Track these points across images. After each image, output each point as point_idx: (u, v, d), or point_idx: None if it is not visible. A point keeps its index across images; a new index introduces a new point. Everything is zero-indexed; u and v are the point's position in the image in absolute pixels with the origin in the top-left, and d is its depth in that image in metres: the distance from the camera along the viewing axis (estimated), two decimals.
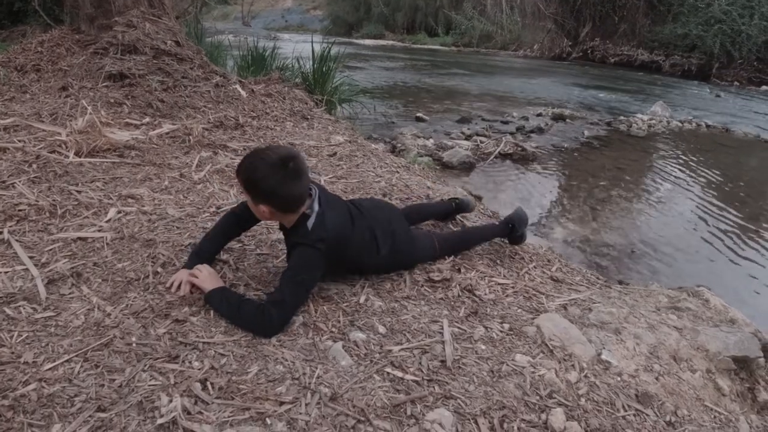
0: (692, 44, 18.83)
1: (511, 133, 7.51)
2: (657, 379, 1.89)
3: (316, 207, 1.95)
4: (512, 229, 2.71)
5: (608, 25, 23.56)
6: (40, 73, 4.78)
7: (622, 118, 9.20)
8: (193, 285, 2.01)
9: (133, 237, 2.41)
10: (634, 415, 1.71)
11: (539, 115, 9.27)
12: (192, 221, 2.60)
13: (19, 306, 1.90)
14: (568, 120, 9.01)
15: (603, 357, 1.92)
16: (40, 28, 8.46)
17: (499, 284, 2.39)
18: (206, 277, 1.99)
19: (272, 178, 1.83)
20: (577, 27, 24.35)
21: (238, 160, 3.44)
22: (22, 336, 1.75)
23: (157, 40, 4.53)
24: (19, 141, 3.37)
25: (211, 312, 1.93)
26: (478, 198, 4.36)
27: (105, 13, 4.89)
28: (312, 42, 6.52)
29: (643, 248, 4.26)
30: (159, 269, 2.17)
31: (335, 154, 3.83)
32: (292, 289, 1.87)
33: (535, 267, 2.68)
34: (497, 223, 2.82)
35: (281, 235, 2.38)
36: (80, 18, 5.20)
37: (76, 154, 3.25)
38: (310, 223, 1.92)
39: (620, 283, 3.28)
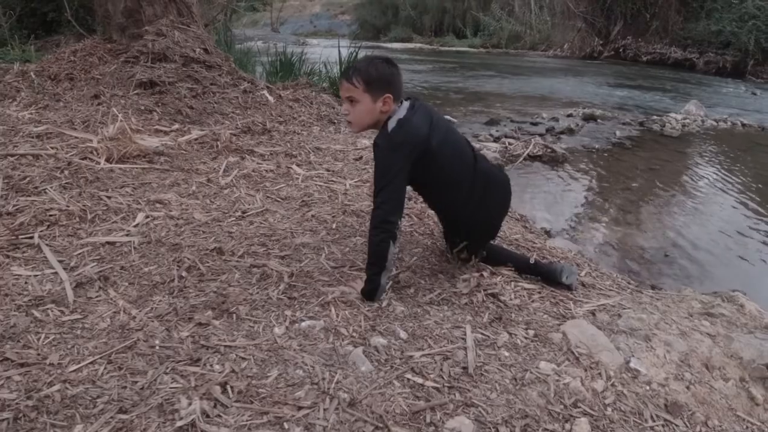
0: (726, 41, 18.29)
1: (541, 135, 7.38)
2: (688, 388, 1.82)
3: (402, 113, 2.08)
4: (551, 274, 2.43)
5: (640, 22, 23.10)
6: (73, 81, 4.91)
7: (655, 117, 8.97)
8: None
9: (159, 241, 2.45)
10: (663, 426, 1.65)
11: (569, 115, 9.09)
12: (218, 225, 2.62)
13: (47, 309, 1.95)
14: (599, 120, 8.82)
15: (631, 365, 1.86)
16: (74, 37, 8.70)
17: (525, 289, 2.34)
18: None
19: (387, 68, 2.09)
20: (608, 25, 23.93)
21: (264, 165, 3.50)
22: (49, 338, 1.79)
23: (187, 48, 4.62)
24: (52, 148, 3.47)
25: (234, 316, 1.94)
26: None
27: (136, 23, 5.01)
28: (339, 47, 6.54)
29: (676, 252, 4.14)
30: (184, 273, 2.19)
31: (361, 158, 3.84)
32: (381, 201, 2.02)
33: None
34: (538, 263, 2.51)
35: (304, 239, 2.40)
36: (112, 28, 5.34)
37: (107, 160, 3.33)
38: (391, 125, 2.05)
39: (652, 288, 3.19)
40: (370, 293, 2.09)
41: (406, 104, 2.12)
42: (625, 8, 23.24)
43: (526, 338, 1.96)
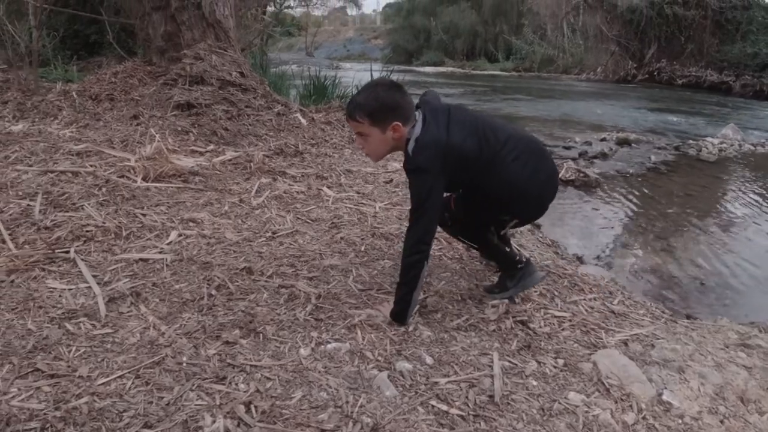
0: (763, 63, 17.91)
1: (573, 159, 7.31)
2: (722, 422, 1.75)
3: (417, 130, 2.03)
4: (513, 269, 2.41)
5: (674, 45, 22.82)
6: (114, 102, 5.09)
7: (690, 141, 8.79)
8: None
9: (191, 259, 2.49)
10: None
11: (603, 140, 8.98)
12: (248, 245, 2.66)
13: (80, 322, 2.00)
14: (633, 145, 8.69)
15: (664, 398, 1.80)
16: (115, 59, 9.03)
17: (555, 317, 2.30)
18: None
19: (389, 94, 2.03)
20: (642, 48, 23.70)
21: (296, 187, 3.54)
22: (79, 351, 1.84)
23: (223, 71, 4.75)
24: (91, 166, 3.58)
25: (261, 335, 1.95)
26: (537, 226, 4.25)
27: (175, 47, 5.18)
28: (371, 70, 6.63)
29: (713, 280, 4.01)
30: (213, 291, 2.22)
31: (391, 180, 3.85)
32: (415, 221, 2.03)
33: (594, 299, 2.56)
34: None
35: (333, 261, 2.40)
36: (152, 50, 5.53)
37: (144, 179, 3.42)
38: (410, 148, 2.02)
39: (687, 317, 3.09)
40: (400, 314, 2.08)
41: (420, 117, 2.07)
42: (659, 31, 23.02)
43: (555, 367, 1.92)
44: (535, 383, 1.82)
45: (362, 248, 2.71)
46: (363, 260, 2.59)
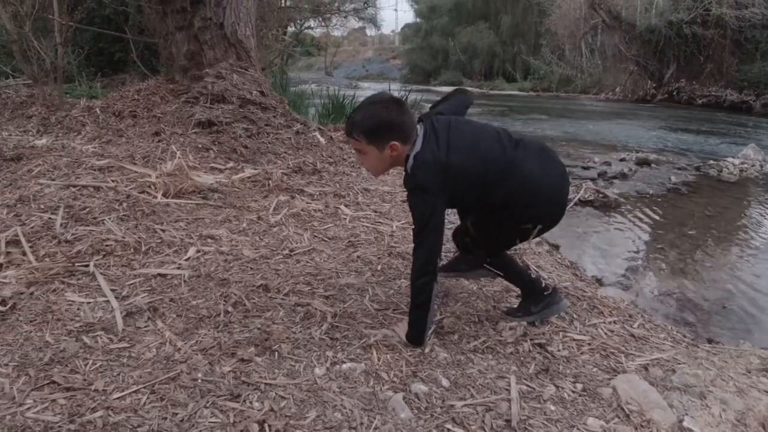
0: None
1: (592, 179, 7.26)
2: None
3: (417, 146, 1.98)
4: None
5: (693, 65, 22.72)
6: (136, 119, 5.18)
7: (711, 162, 8.68)
8: None
9: (209, 276, 2.50)
10: None
11: (622, 160, 8.92)
12: (265, 263, 2.67)
13: (97, 336, 2.01)
14: (653, 165, 8.61)
15: (685, 424, 1.75)
16: (138, 76, 9.23)
17: (574, 340, 2.26)
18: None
19: (386, 112, 1.95)
20: (661, 68, 23.63)
21: (313, 205, 3.56)
22: (96, 364, 1.85)
23: (244, 90, 4.81)
24: (113, 181, 3.64)
25: (276, 353, 1.95)
26: (556, 247, 4.21)
27: (197, 65, 5.27)
28: (390, 89, 6.68)
29: (735, 303, 3.92)
30: (230, 308, 2.23)
31: None
32: (419, 243, 1.97)
33: (614, 322, 2.52)
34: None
35: (349, 280, 2.40)
36: (174, 69, 5.62)
37: (164, 195, 3.46)
38: (409, 165, 1.98)
39: (709, 341, 3.03)
40: (416, 337, 2.05)
41: (421, 132, 2.01)
42: (678, 51, 22.95)
43: (573, 392, 1.88)
44: (553, 408, 1.79)
45: (379, 267, 2.70)
46: (379, 279, 2.58)
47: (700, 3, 21.95)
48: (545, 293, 2.32)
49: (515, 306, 2.41)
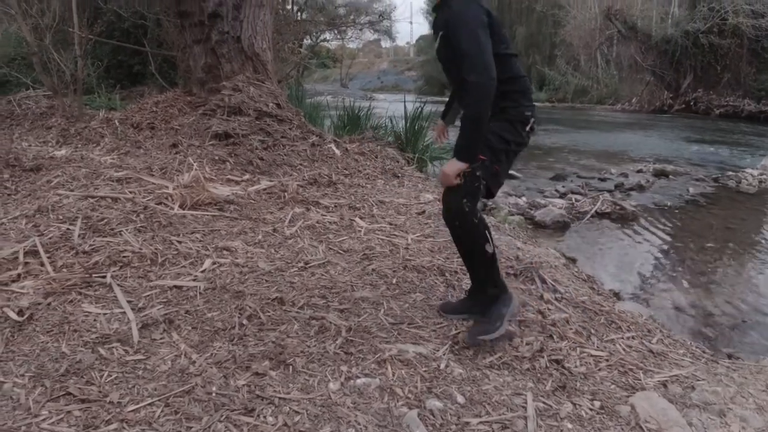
0: None
1: (609, 191, 7.21)
2: None
3: None
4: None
5: (710, 75, 22.56)
6: (154, 130, 5.24)
7: (730, 173, 8.57)
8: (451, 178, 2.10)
9: (224, 288, 2.51)
10: None
11: (639, 171, 8.86)
12: (280, 275, 2.67)
13: (113, 347, 2.02)
14: (671, 176, 8.54)
15: None
16: (157, 88, 9.36)
17: (591, 356, 2.23)
18: (448, 171, 2.09)
19: None
20: (678, 78, 23.47)
21: (328, 217, 3.56)
22: (111, 376, 1.86)
23: (260, 102, 4.86)
24: (130, 192, 3.67)
25: (290, 367, 1.94)
26: (572, 260, 4.17)
27: (214, 78, 5.33)
28: (405, 101, 6.69)
29: (755, 317, 3.85)
30: (245, 321, 2.23)
31: (424, 212, 3.84)
32: (467, 42, 1.96)
33: (633, 338, 2.48)
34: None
35: (364, 293, 2.39)
36: (192, 81, 5.70)
37: (181, 206, 3.49)
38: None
39: (729, 357, 2.97)
40: (471, 149, 2.04)
41: None
42: (694, 61, 22.80)
43: (591, 410, 1.85)
44: (570, 426, 1.76)
45: (394, 281, 2.69)
46: (394, 293, 2.57)
47: (717, 13, 21.83)
48: (507, 289, 2.29)
49: (482, 319, 2.22)
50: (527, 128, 2.19)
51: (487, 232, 2.17)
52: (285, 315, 2.29)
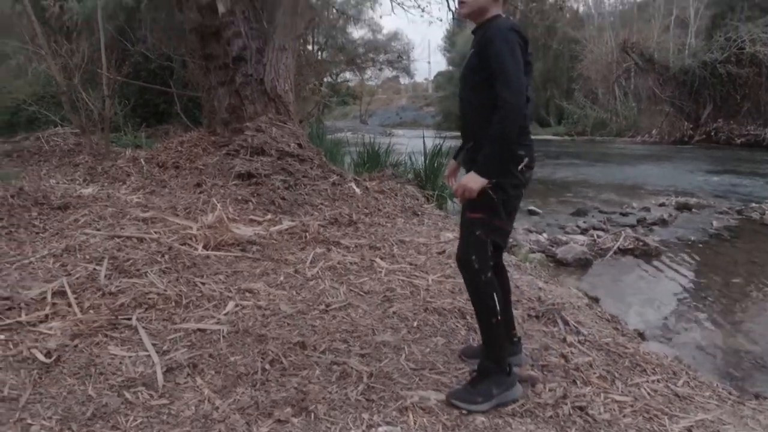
0: None
1: (631, 226, 7.14)
2: None
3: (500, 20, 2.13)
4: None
5: (730, 104, 22.46)
6: (179, 170, 5.36)
7: (754, 205, 8.44)
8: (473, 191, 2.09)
9: (247, 331, 2.53)
10: None
11: (662, 205, 8.77)
12: (302, 318, 2.69)
13: (138, 391, 2.05)
14: (693, 210, 8.44)
15: None
16: (181, 127, 9.61)
17: (616, 401, 2.19)
18: (469, 183, 2.08)
19: None
20: (697, 109, 23.40)
21: (349, 257, 3.59)
22: (137, 421, 1.88)
23: (282, 143, 4.97)
24: (155, 232, 3.75)
25: (312, 414, 1.94)
26: (595, 300, 4.12)
27: (238, 118, 5.48)
28: (423, 137, 6.77)
29: None
30: (267, 366, 2.24)
31: (444, 251, 3.85)
32: (503, 62, 1.98)
33: (658, 381, 2.44)
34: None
35: (385, 337, 2.40)
36: (216, 121, 5.86)
37: (204, 247, 3.55)
38: (505, 20, 2.12)
39: (756, 397, 2.89)
40: (494, 166, 2.05)
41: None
42: (713, 91, 22.75)
43: None
44: None
45: (415, 324, 2.69)
46: (415, 337, 2.57)
47: (733, 42, 21.86)
48: (509, 373, 2.16)
49: (472, 388, 2.13)
50: (519, 167, 2.13)
51: (495, 295, 2.10)
52: (307, 360, 2.31)
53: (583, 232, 6.67)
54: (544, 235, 6.31)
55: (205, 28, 5.84)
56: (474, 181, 2.06)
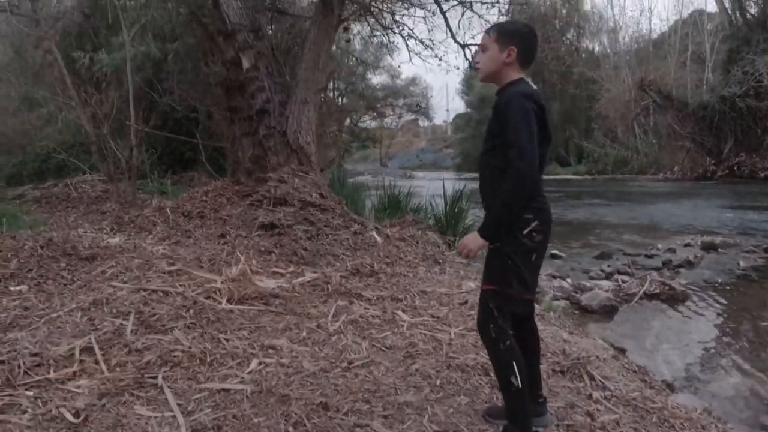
0: None
1: (657, 269, 7.04)
2: None
3: (531, 85, 2.19)
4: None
5: (751, 138, 22.32)
6: (204, 219, 5.47)
7: None
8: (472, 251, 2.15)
9: (270, 391, 2.54)
10: None
11: (687, 245, 8.66)
12: (325, 376, 2.69)
13: None
14: (719, 249, 8.32)
15: None
16: (205, 174, 9.84)
17: None
18: (469, 242, 2.14)
19: (526, 28, 2.30)
20: (719, 144, 23.28)
21: (371, 311, 3.61)
22: None
23: (304, 193, 5.07)
24: (180, 285, 3.81)
25: None
26: (622, 351, 4.04)
27: (261, 168, 5.62)
28: (443, 181, 6.82)
29: None
30: (291, 429, 2.24)
31: (466, 302, 3.84)
32: (516, 130, 2.01)
33: None
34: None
35: (408, 397, 2.38)
36: (240, 171, 6.01)
37: (228, 300, 3.60)
38: (520, 85, 2.15)
39: None
40: (496, 229, 2.08)
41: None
42: (734, 125, 22.67)
43: None
44: None
45: (437, 382, 2.67)
46: (438, 396, 2.55)
47: (751, 75, 21.86)
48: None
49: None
50: (525, 231, 2.09)
51: (515, 364, 2.07)
52: (329, 422, 2.30)
53: (608, 276, 6.60)
54: (568, 280, 6.25)
55: (230, 81, 6.06)
56: (473, 242, 2.12)
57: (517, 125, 2.02)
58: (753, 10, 24.85)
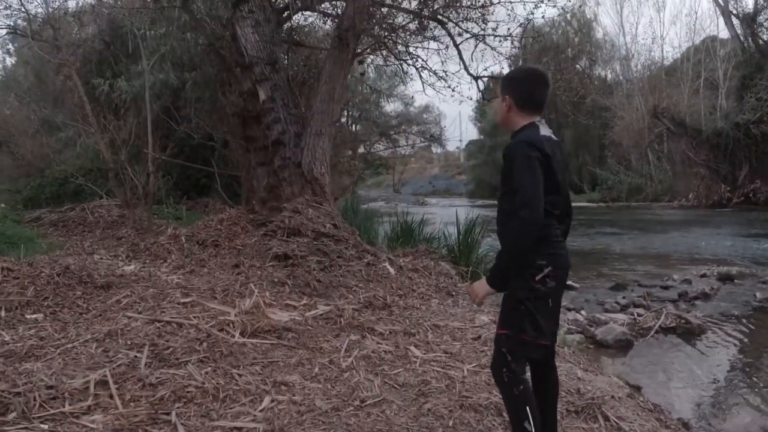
0: None
1: (673, 301, 6.96)
2: None
3: (541, 131, 2.17)
4: None
5: (766, 164, 22.07)
6: (218, 248, 5.52)
7: None
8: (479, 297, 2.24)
9: (282, 430, 2.53)
10: None
11: (703, 275, 8.56)
12: (336, 415, 2.68)
13: None
14: (736, 280, 8.22)
15: None
16: (220, 200, 9.93)
17: None
18: (476, 288, 2.22)
19: (523, 73, 2.35)
20: (734, 170, 23.13)
21: (384, 346, 3.60)
22: None
23: (318, 224, 5.11)
24: (194, 317, 3.83)
25: None
26: (637, 388, 3.98)
27: (275, 198, 5.68)
28: (456, 210, 6.83)
29: None
30: None
31: (479, 337, 3.82)
32: (519, 177, 2.04)
33: None
34: None
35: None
36: (255, 200, 6.08)
37: (241, 333, 3.60)
38: (529, 131, 2.16)
39: None
40: (498, 277, 2.12)
41: (546, 131, 2.20)
42: (749, 151, 22.57)
43: None
44: None
45: (450, 423, 2.65)
46: None
47: (764, 102, 21.77)
48: None
49: None
50: (538, 278, 2.07)
51: (528, 408, 2.05)
52: None
53: (623, 309, 6.53)
54: (582, 312, 6.19)
55: (247, 112, 6.18)
56: (480, 288, 2.18)
57: (519, 172, 2.06)
58: (765, 37, 24.88)
